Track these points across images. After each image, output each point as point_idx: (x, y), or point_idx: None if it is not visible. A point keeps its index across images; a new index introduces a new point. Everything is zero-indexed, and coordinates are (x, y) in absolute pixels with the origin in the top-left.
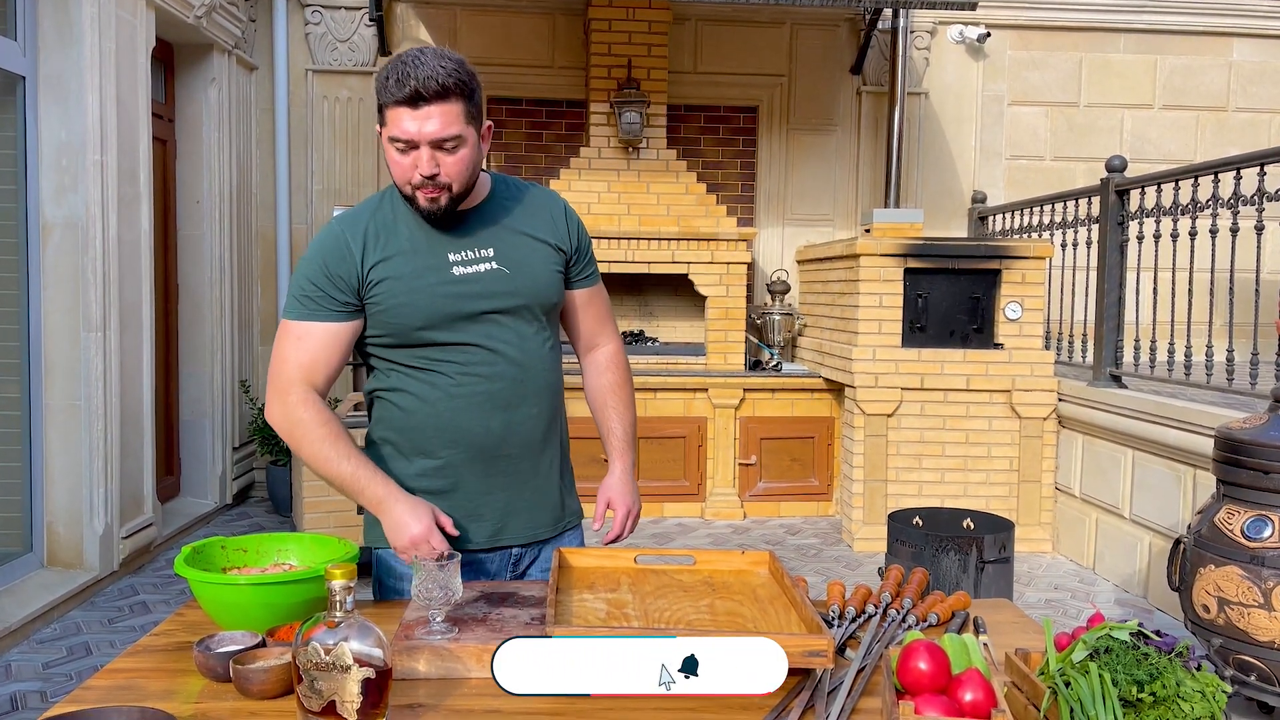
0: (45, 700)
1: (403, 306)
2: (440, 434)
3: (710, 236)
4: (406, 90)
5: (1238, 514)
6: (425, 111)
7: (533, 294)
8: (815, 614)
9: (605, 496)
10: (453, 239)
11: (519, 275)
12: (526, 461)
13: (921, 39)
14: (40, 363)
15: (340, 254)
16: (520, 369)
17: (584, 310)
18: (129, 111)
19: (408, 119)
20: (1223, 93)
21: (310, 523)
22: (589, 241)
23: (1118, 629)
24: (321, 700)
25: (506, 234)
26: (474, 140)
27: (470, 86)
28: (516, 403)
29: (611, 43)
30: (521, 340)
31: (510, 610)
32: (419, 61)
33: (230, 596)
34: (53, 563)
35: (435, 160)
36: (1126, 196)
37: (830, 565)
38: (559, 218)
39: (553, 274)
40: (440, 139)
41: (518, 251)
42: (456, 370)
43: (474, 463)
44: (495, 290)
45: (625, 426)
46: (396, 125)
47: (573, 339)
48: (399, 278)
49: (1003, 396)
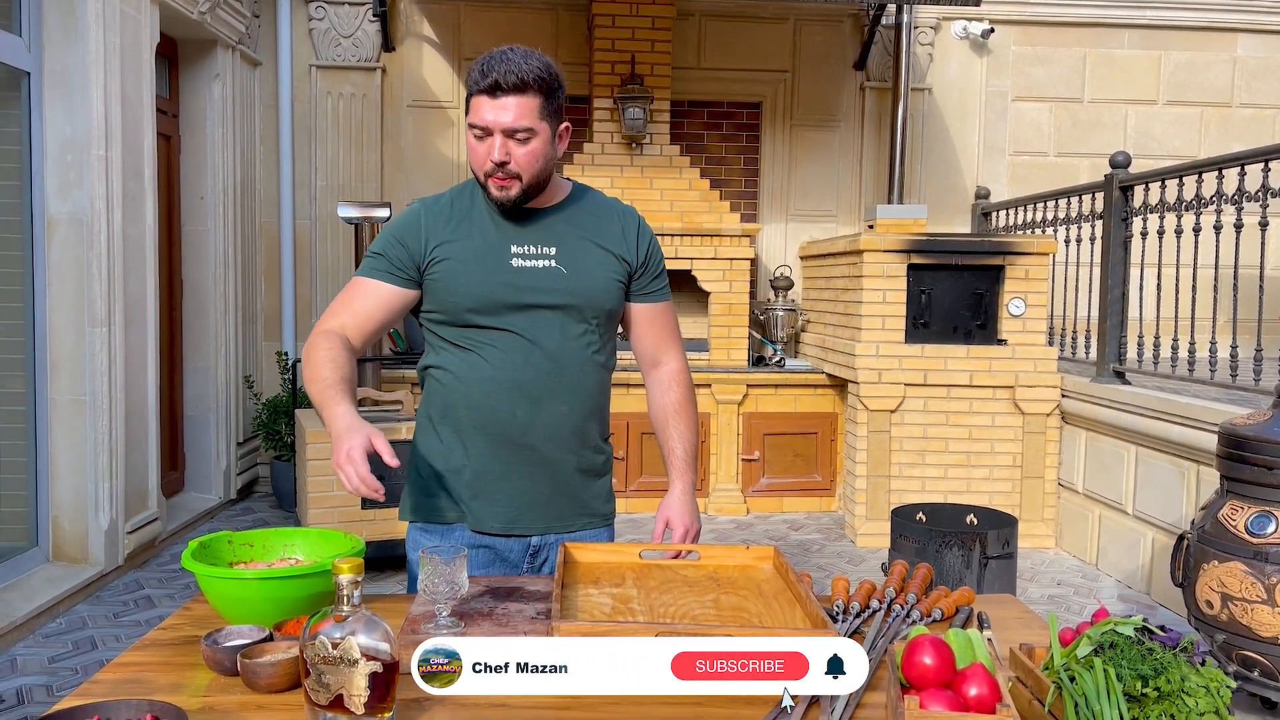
0: (51, 694)
1: (457, 287)
2: (470, 412)
3: (713, 232)
4: (489, 80)
5: (1241, 510)
6: (502, 101)
7: (585, 295)
8: (820, 609)
9: (664, 515)
10: (519, 233)
11: (575, 276)
12: (551, 456)
13: (925, 34)
14: (45, 358)
15: (413, 228)
16: (555, 364)
17: (648, 326)
18: (133, 107)
19: (486, 107)
20: (1227, 88)
21: (315, 518)
22: (660, 258)
23: (1122, 624)
24: (329, 694)
25: (572, 237)
26: (548, 135)
27: (551, 85)
28: (546, 396)
29: (615, 38)
30: (564, 337)
31: (516, 605)
32: (506, 56)
33: (237, 591)
34: (58, 557)
35: (507, 149)
36: (1130, 192)
37: (833, 561)
38: (630, 230)
39: (611, 282)
40: (513, 129)
41: (579, 254)
42: (494, 354)
43: (496, 446)
44: (548, 286)
45: (686, 446)
46: (476, 112)
47: (637, 354)
48: (460, 259)
49: (1006, 392)
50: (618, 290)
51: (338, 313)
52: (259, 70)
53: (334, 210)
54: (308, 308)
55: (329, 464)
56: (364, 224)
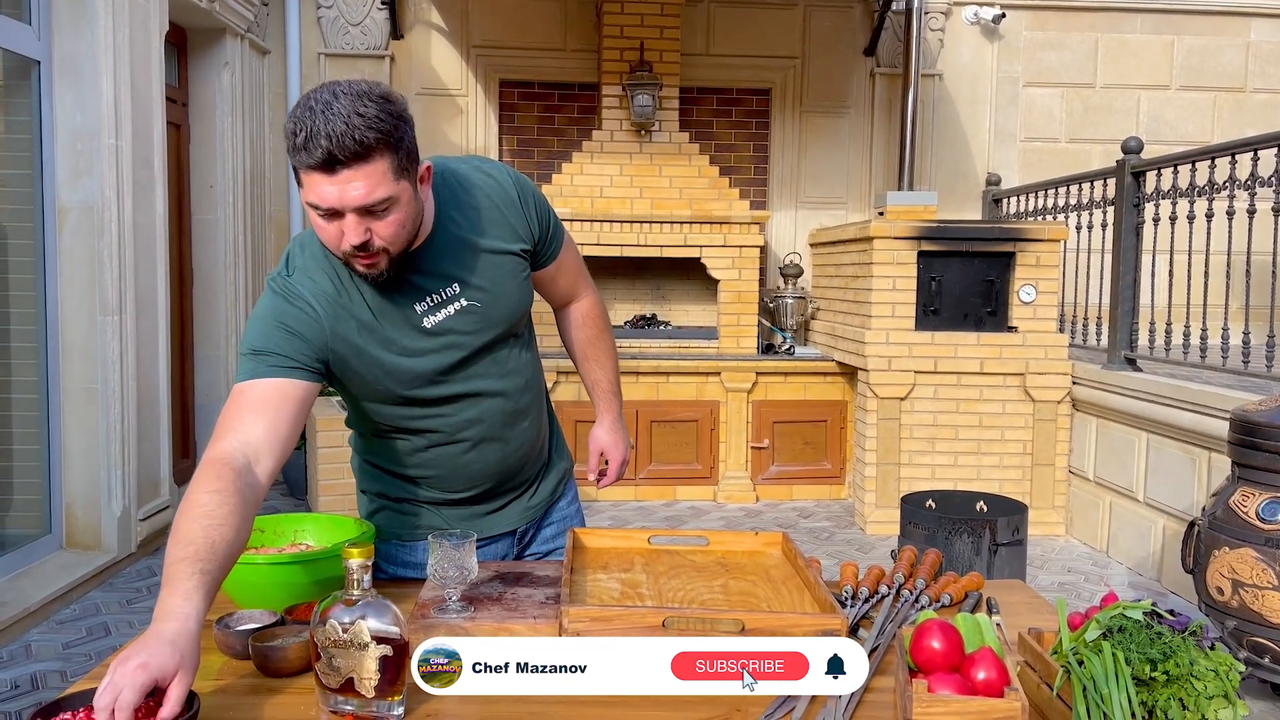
0: (65, 679)
1: (378, 380)
2: (439, 473)
3: (723, 220)
4: (318, 154)
5: (1253, 496)
6: (345, 176)
7: (506, 317)
8: (829, 594)
9: (597, 447)
10: (411, 283)
11: (491, 305)
12: (528, 465)
13: (936, 20)
14: (58, 346)
15: (301, 316)
16: (507, 397)
17: (557, 278)
18: (143, 96)
19: (325, 187)
20: (1240, 73)
21: (325, 504)
22: (549, 212)
23: (1131, 608)
24: (340, 677)
25: (466, 257)
26: (410, 193)
27: (397, 134)
28: (510, 429)
29: (624, 25)
30: (502, 369)
31: (525, 590)
32: (329, 113)
33: (248, 576)
34: (71, 544)
35: (364, 227)
36: (1142, 178)
37: (842, 548)
38: (513, 209)
39: (522, 284)
40: (367, 205)
41: (483, 276)
42: (446, 422)
43: (479, 489)
44: (469, 329)
45: (609, 376)
46: (313, 190)
47: (550, 301)
48: (366, 349)
49: (1016, 380)
50: (527, 286)
51: (235, 426)
52: (268, 59)
53: None
54: None
55: (338, 451)
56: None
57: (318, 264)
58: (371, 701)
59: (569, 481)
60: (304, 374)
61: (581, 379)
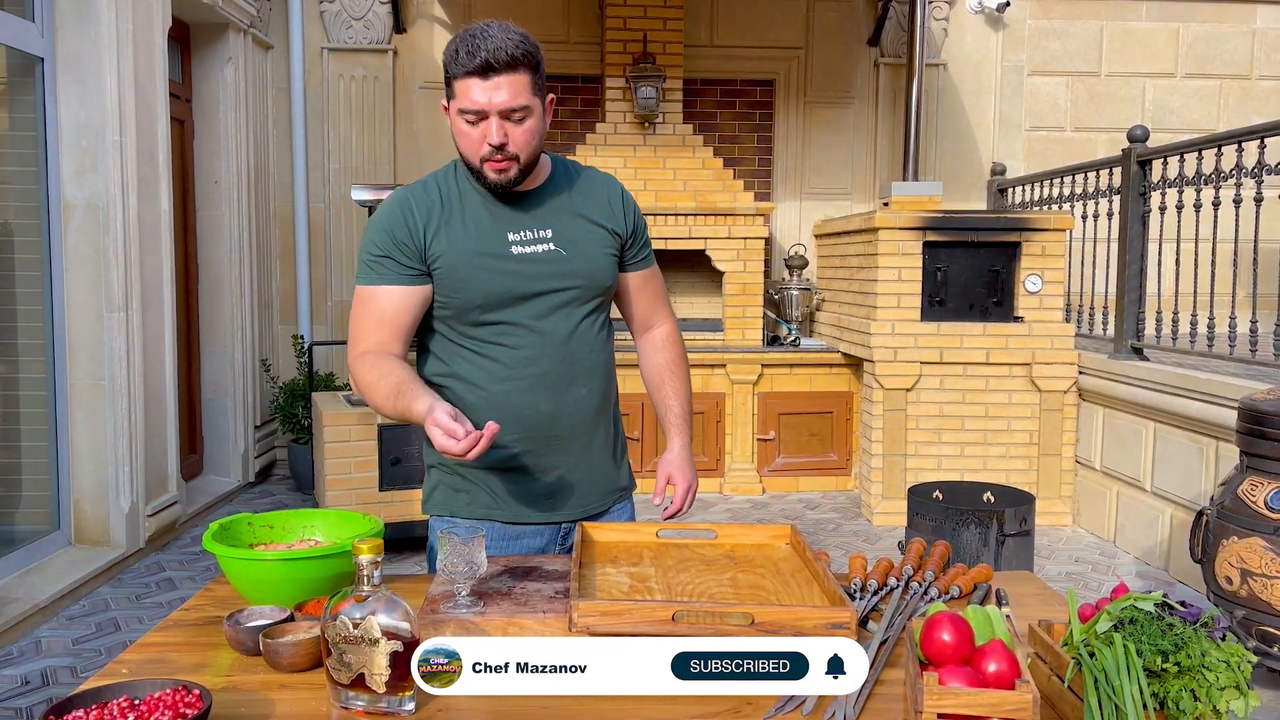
0: (76, 675)
1: (463, 283)
2: (494, 414)
3: (727, 211)
4: (477, 61)
5: (1261, 485)
6: (495, 82)
7: (588, 276)
8: (838, 587)
9: (665, 472)
10: (513, 217)
11: (575, 257)
12: (579, 440)
13: (940, 9)
14: (64, 343)
15: (405, 223)
16: (571, 351)
17: (639, 292)
18: (146, 92)
19: (477, 89)
20: (1246, 60)
21: (332, 499)
22: (644, 225)
23: (1142, 600)
24: (350, 673)
25: (564, 215)
26: (540, 111)
27: (536, 58)
28: (567, 384)
29: (627, 17)
30: (571, 321)
31: (534, 584)
32: (487, 34)
33: (259, 572)
34: (80, 540)
35: (504, 130)
36: (1148, 167)
37: (849, 539)
38: (615, 202)
39: (608, 258)
40: (509, 109)
41: (574, 233)
42: (507, 353)
43: (527, 443)
44: (552, 271)
45: (682, 403)
46: (466, 96)
47: (628, 320)
48: (458, 253)
49: (1023, 370)
50: (613, 265)
51: (365, 334)
52: (271, 53)
53: (348, 193)
54: (323, 291)
55: (345, 446)
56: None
57: (433, 183)
58: (382, 697)
59: (628, 500)
60: (413, 279)
61: (654, 405)
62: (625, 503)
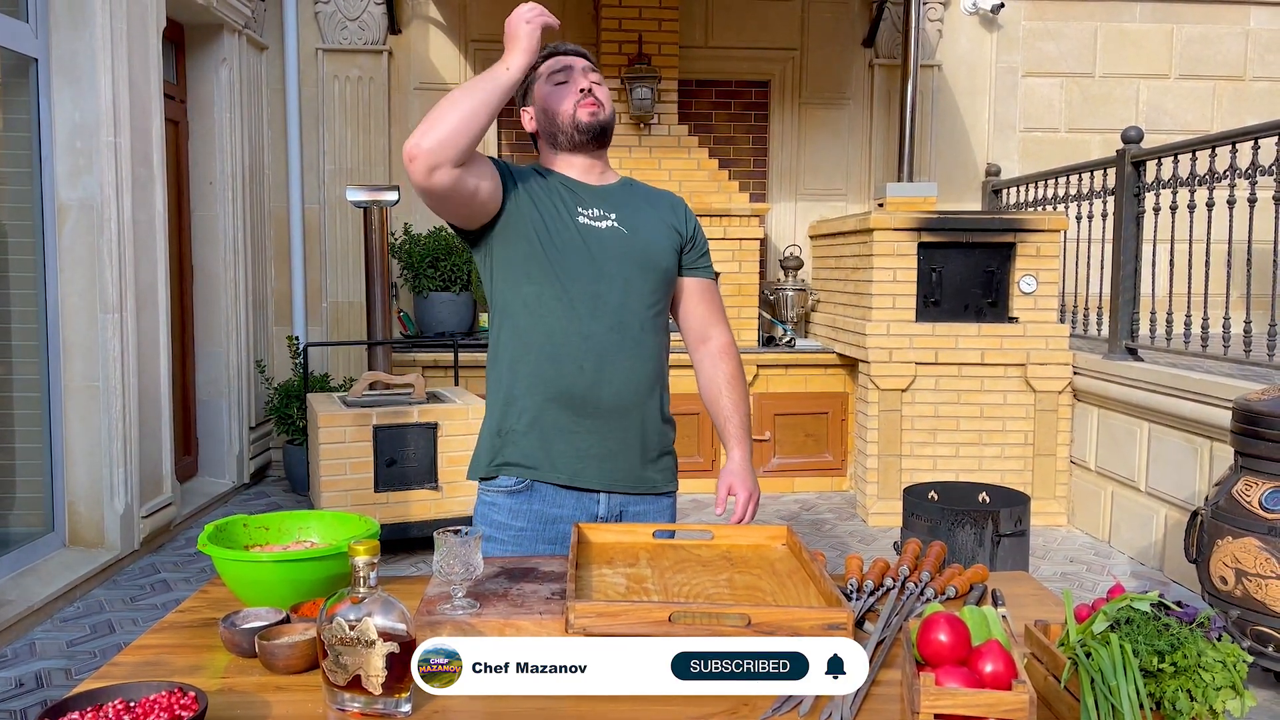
0: (70, 677)
1: (534, 232)
2: (538, 366)
3: (722, 212)
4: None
5: (1256, 485)
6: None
7: (647, 255)
8: (834, 587)
9: (726, 482)
10: (584, 199)
11: (637, 237)
12: (615, 416)
13: (935, 10)
14: (59, 344)
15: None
16: (622, 324)
17: (698, 300)
18: (141, 92)
19: (562, 58)
20: (1240, 61)
21: (328, 501)
22: (705, 240)
23: (1138, 600)
24: (347, 674)
25: (630, 204)
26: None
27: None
28: (612, 352)
29: (622, 18)
30: (626, 294)
31: (530, 585)
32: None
33: (254, 574)
34: (74, 542)
35: (589, 78)
36: (1142, 168)
37: (845, 540)
38: (678, 207)
39: (669, 244)
40: (588, 68)
41: (639, 218)
42: (560, 310)
43: (563, 402)
44: (612, 244)
45: (741, 415)
46: (553, 63)
47: (685, 330)
48: (534, 204)
49: (1017, 370)
50: (674, 255)
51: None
52: (266, 54)
53: (343, 194)
54: (318, 292)
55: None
56: (373, 208)
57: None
58: (378, 699)
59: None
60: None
61: (712, 416)
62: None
